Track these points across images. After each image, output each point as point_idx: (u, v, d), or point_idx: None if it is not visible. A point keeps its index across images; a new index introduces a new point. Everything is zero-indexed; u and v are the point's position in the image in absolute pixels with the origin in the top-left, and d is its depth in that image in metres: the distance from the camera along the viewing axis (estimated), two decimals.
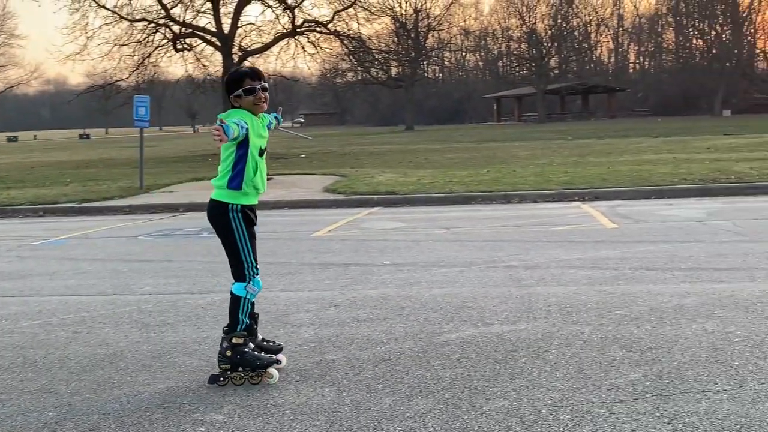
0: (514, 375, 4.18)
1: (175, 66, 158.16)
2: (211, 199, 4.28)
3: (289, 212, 13.38)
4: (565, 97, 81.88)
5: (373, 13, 38.94)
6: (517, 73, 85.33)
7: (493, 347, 4.70)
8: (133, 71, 35.76)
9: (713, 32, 78.84)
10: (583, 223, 10.32)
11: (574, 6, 78.11)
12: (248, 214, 4.26)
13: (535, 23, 76.40)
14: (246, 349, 4.22)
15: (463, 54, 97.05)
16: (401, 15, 70.24)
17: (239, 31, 36.03)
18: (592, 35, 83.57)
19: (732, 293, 5.76)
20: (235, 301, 4.27)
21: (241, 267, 4.25)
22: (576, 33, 79.47)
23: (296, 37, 36.77)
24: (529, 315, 5.41)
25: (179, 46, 35.90)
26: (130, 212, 14.17)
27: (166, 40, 35.53)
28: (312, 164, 24.74)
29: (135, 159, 20.03)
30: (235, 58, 35.16)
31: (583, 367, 4.25)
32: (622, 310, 5.44)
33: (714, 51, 77.95)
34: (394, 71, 72.18)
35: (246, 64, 36.37)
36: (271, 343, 4.56)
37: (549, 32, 76.74)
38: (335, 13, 36.85)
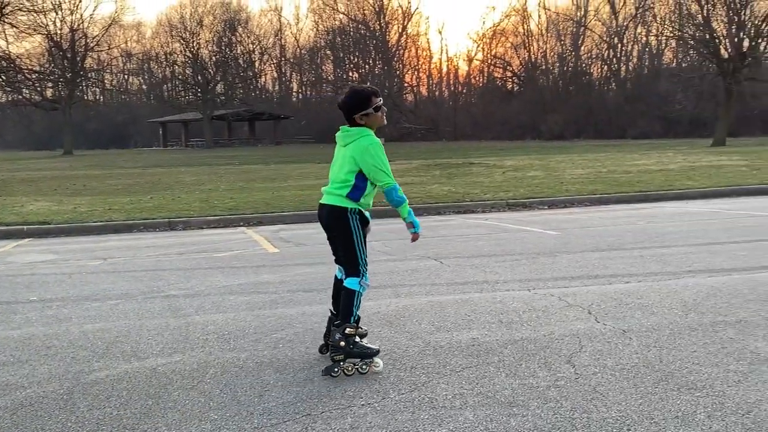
0: (166, 409, 4.05)
1: None
2: (329, 205, 4.58)
3: None
4: (232, 123, 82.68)
5: (22, 31, 36.15)
6: (183, 98, 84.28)
7: (146, 382, 4.52)
8: None
9: (367, 66, 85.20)
10: (247, 248, 10.44)
11: (237, 34, 79.33)
12: (364, 215, 4.61)
13: (198, 49, 76.20)
14: (357, 339, 4.55)
15: (126, 77, 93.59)
16: (56, 34, 65.88)
17: None
18: (257, 63, 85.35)
19: (379, 309, 6.18)
20: (349, 295, 4.56)
21: (356, 264, 4.57)
22: (240, 60, 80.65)
23: None
24: (186, 345, 5.31)
25: None
26: None
27: None
28: None
29: None
30: None
31: (237, 393, 4.25)
32: (279, 333, 5.57)
33: (368, 83, 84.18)
34: (49, 92, 67.49)
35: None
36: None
37: (213, 58, 77.09)
38: None
